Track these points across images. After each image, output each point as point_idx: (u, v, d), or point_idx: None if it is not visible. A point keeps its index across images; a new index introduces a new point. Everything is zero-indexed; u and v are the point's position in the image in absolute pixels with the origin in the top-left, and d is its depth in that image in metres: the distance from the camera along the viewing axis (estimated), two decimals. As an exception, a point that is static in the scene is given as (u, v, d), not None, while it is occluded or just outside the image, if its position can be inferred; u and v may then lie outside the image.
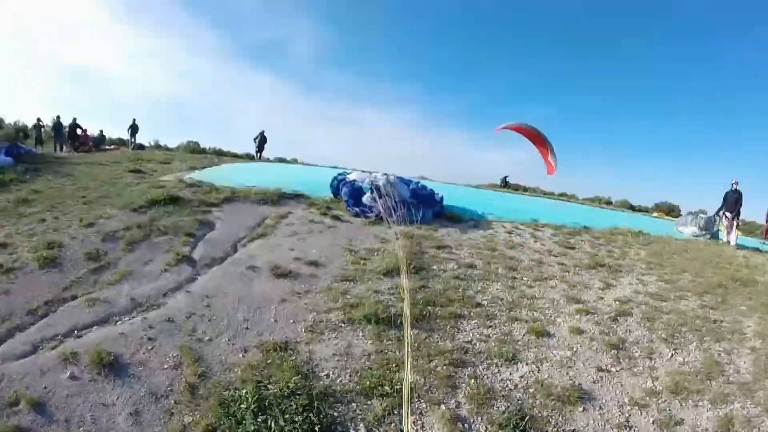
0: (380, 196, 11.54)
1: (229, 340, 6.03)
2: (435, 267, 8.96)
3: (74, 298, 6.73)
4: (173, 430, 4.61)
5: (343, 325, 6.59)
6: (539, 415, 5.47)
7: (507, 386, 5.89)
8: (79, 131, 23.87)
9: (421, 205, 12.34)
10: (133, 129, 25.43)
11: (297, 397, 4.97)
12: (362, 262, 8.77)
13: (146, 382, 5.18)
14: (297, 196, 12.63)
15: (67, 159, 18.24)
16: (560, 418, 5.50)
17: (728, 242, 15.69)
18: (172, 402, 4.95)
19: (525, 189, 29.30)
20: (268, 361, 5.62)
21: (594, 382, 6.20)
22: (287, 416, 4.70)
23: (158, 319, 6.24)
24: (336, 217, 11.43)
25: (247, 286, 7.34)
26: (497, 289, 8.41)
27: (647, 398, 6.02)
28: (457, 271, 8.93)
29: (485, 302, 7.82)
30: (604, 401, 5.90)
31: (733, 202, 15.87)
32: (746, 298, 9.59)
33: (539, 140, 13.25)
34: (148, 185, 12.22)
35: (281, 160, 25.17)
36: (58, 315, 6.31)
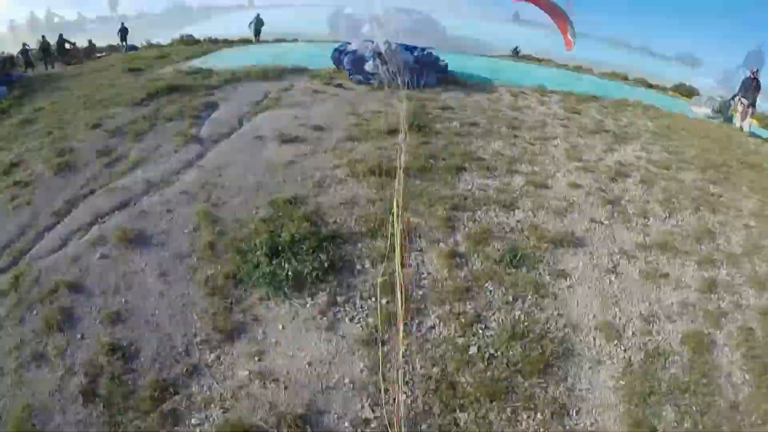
0: (383, 63, 11.35)
1: (241, 201, 6.31)
2: (438, 125, 9.00)
3: (92, 192, 6.96)
4: (198, 281, 5.01)
5: (348, 178, 6.83)
6: (532, 254, 5.75)
7: (503, 228, 6.14)
8: (67, 45, 23.33)
9: (425, 70, 12.17)
10: (123, 32, 24.68)
11: (307, 241, 5.32)
12: (366, 123, 8.85)
13: (170, 247, 5.52)
14: (298, 70, 12.47)
15: (61, 74, 18.01)
16: (552, 259, 5.78)
17: (741, 128, 15.23)
18: (195, 259, 5.32)
19: (539, 60, 27.47)
20: (279, 215, 5.92)
21: (587, 231, 6.41)
22: (299, 257, 5.08)
23: (174, 193, 6.52)
24: (339, 86, 11.38)
25: (255, 155, 7.52)
26: (499, 146, 8.48)
27: (636, 251, 6.22)
28: (460, 129, 8.99)
29: (486, 156, 7.94)
30: (594, 248, 6.14)
31: (751, 89, 15.19)
32: (749, 180, 9.45)
33: (557, 13, 12.59)
34: (146, 80, 12.13)
35: (280, 41, 24.22)
36: (80, 210, 6.57)
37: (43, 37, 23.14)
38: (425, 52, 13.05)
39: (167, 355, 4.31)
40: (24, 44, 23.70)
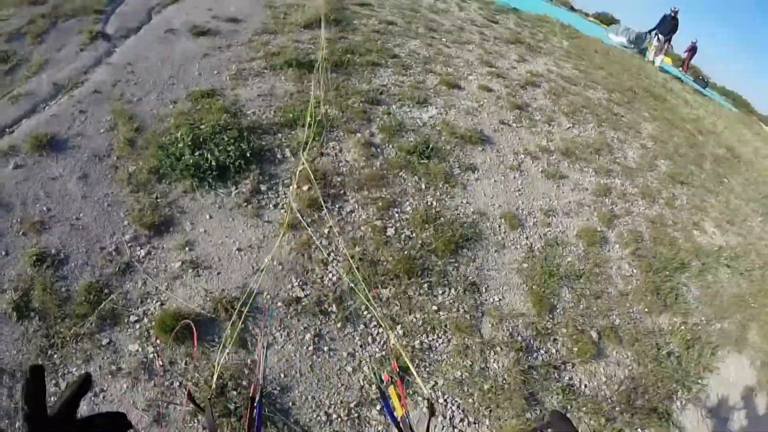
0: None
1: (157, 96, 6.15)
2: (356, 21, 9.01)
3: (-5, 102, 6.57)
4: (120, 179, 4.96)
5: (265, 71, 6.80)
6: (443, 147, 6.12)
7: (416, 123, 6.42)
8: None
9: None
10: None
11: (228, 132, 5.37)
12: (282, 16, 8.67)
13: (87, 149, 5.36)
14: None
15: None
16: (461, 153, 6.17)
17: (653, 62, 16.24)
18: (115, 158, 5.22)
19: None
20: (198, 107, 5.88)
21: (495, 131, 6.83)
22: (221, 147, 5.13)
23: (85, 94, 6.21)
24: (256, -25, 10.70)
25: (167, 48, 7.21)
26: (415, 45, 8.67)
27: (540, 153, 6.74)
28: (378, 27, 9.05)
29: (402, 55, 8.12)
30: (501, 147, 6.59)
31: (669, 26, 16.04)
32: (651, 108, 10.21)
33: None
34: (38, -27, 11.01)
35: None
36: None
37: None
38: None
39: (98, 257, 4.30)
40: None
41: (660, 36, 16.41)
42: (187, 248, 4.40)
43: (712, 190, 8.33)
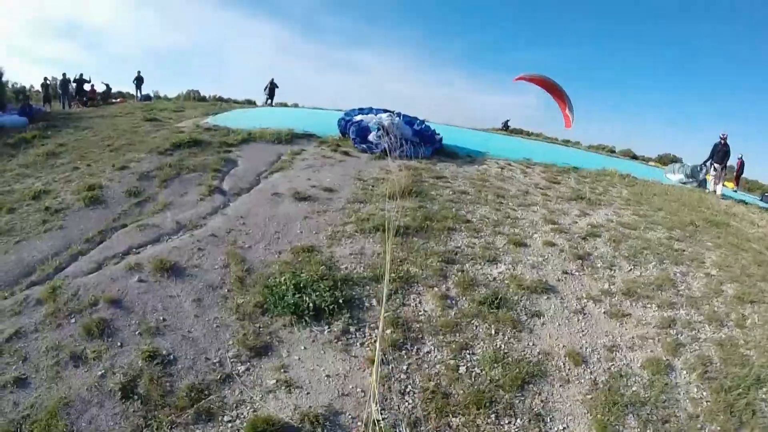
0: (386, 134, 12.65)
1: (265, 246, 7.30)
2: (432, 192, 10.09)
3: (124, 226, 7.82)
4: (229, 308, 5.89)
5: (356, 233, 7.85)
6: (511, 298, 6.74)
7: (487, 278, 7.14)
8: (86, 86, 24.34)
9: (422, 142, 13.41)
10: (139, 81, 26.05)
11: (324, 281, 6.29)
12: (370, 188, 9.98)
13: (202, 279, 6.41)
14: (308, 136, 13.68)
15: (79, 114, 19.01)
16: (528, 302, 6.75)
17: (714, 191, 16.09)
18: (226, 290, 6.22)
19: (528, 134, 29.02)
20: (299, 259, 6.93)
21: (558, 281, 7.39)
22: (318, 293, 6.04)
23: (203, 235, 7.45)
24: (345, 153, 12.50)
25: (273, 208, 8.54)
26: (485, 211, 9.54)
27: (602, 296, 7.17)
28: (451, 196, 10.08)
29: (474, 220, 8.99)
30: (564, 294, 7.10)
31: (721, 153, 16.19)
32: (714, 236, 10.38)
33: (557, 92, 13.62)
34: (168, 131, 13.21)
35: (283, 105, 25.79)
36: (114, 240, 7.42)
37: (63, 74, 24.04)
38: (424, 126, 14.26)
39: (202, 365, 5.04)
40: (45, 77, 24.57)
41: (715, 165, 16.36)
42: (282, 370, 5.09)
43: None
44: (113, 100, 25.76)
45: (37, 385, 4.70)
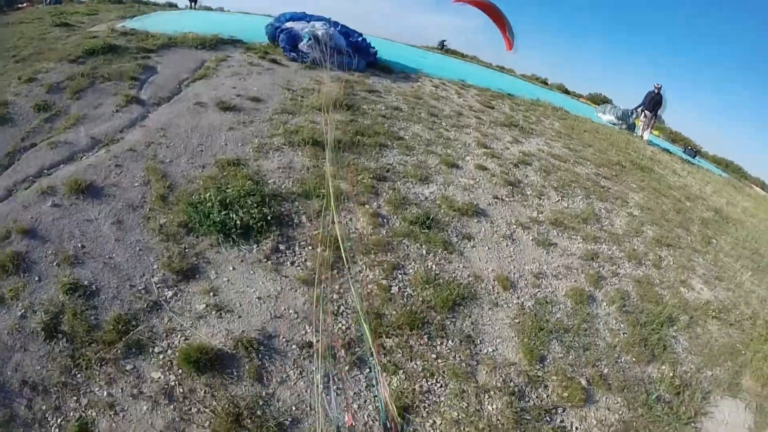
0: (318, 44, 12.06)
1: (187, 160, 6.84)
2: (365, 106, 9.85)
3: (34, 145, 7.09)
4: (152, 228, 5.52)
5: (284, 146, 7.54)
6: (442, 219, 6.79)
7: (419, 197, 7.11)
8: (-16, -9, 21.96)
9: (356, 54, 12.93)
10: (48, -18, 23.52)
11: (251, 197, 5.98)
12: (299, 98, 9.53)
13: (122, 198, 5.95)
14: (234, 42, 12.84)
15: (-21, 21, 17.15)
16: (458, 224, 6.82)
17: (641, 137, 17.10)
18: (147, 210, 5.81)
19: (463, 55, 28.44)
20: (224, 173, 6.54)
21: (489, 205, 7.50)
22: (245, 209, 5.75)
23: (121, 150, 6.87)
24: (274, 61, 11.87)
25: (196, 119, 7.96)
26: (418, 129, 9.46)
27: (530, 223, 7.36)
28: (384, 112, 9.89)
29: (406, 137, 8.90)
30: (495, 219, 7.22)
31: (653, 102, 17.00)
32: (639, 179, 10.95)
33: (496, 15, 13.35)
34: (80, 37, 11.97)
35: (207, 9, 24.04)
36: (23, 161, 6.73)
37: None
38: (359, 39, 13.76)
39: (127, 293, 4.76)
40: None
41: (646, 112, 17.35)
42: (211, 293, 4.90)
43: (699, 251, 8.77)
44: (19, 5, 23.19)
45: (-47, 333, 4.33)
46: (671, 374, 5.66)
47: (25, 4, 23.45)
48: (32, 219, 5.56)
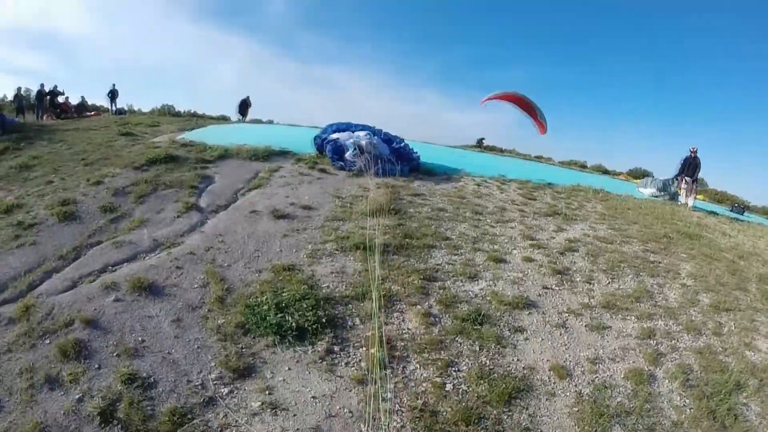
0: (362, 153, 12.75)
1: (244, 264, 7.24)
2: (411, 210, 10.18)
3: (99, 243, 7.66)
4: (210, 328, 5.80)
5: (336, 252, 7.86)
6: (493, 314, 6.81)
7: (468, 295, 7.20)
8: (60, 98, 23.93)
9: (399, 160, 13.50)
10: (113, 94, 25.72)
11: (306, 300, 6.25)
12: (349, 205, 10.01)
13: (181, 298, 6.31)
14: (284, 153, 13.66)
15: (53, 126, 18.65)
16: (509, 317, 6.83)
17: (686, 204, 16.56)
18: (206, 310, 6.13)
19: (501, 150, 29.52)
20: (280, 278, 6.88)
21: (539, 296, 7.51)
22: (300, 312, 6.01)
23: (181, 253, 7.34)
24: (322, 170, 12.53)
25: (252, 226, 8.48)
26: (464, 228, 9.66)
27: (582, 310, 7.31)
28: (430, 213, 10.18)
29: (453, 237, 9.08)
30: (545, 309, 7.21)
31: (692, 166, 16.62)
32: (688, 248, 10.75)
33: (525, 104, 13.87)
34: (143, 146, 13.04)
35: (257, 122, 25.75)
36: (89, 257, 7.27)
37: (41, 84, 23.58)
38: (401, 144, 14.44)
39: (184, 388, 4.91)
40: (18, 87, 23.98)
41: (687, 178, 16.78)
42: (266, 392, 5.02)
43: (761, 309, 8.40)
44: (87, 113, 25.33)
45: (11, 409, 4.53)
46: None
47: (93, 113, 25.54)
48: (95, 311, 5.90)
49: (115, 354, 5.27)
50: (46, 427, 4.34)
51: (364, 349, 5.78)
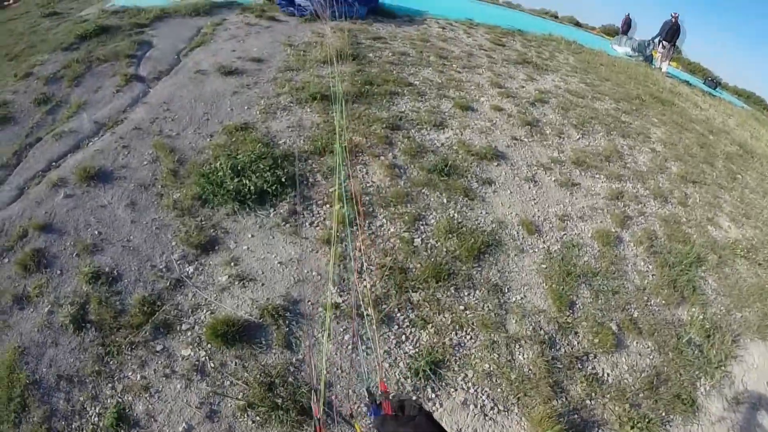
0: None
1: (194, 130, 6.68)
2: (371, 55, 9.55)
3: (39, 140, 6.97)
4: (166, 205, 5.41)
5: (291, 105, 7.32)
6: (461, 165, 6.55)
7: (434, 144, 6.87)
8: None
9: (357, 1, 12.48)
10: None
11: (263, 160, 5.82)
12: (302, 54, 9.24)
13: (132, 179, 5.83)
14: (229, 4, 12.48)
15: (-30, 25, 17.00)
16: (478, 169, 6.60)
17: (660, 68, 16.48)
18: (159, 187, 5.69)
19: None
20: (233, 140, 6.37)
21: (508, 147, 7.26)
22: (258, 174, 5.59)
23: (126, 130, 6.72)
24: (272, 18, 11.55)
25: (198, 88, 7.76)
26: (428, 73, 9.16)
27: (552, 164, 7.12)
28: (391, 58, 9.59)
29: (417, 83, 8.60)
30: (515, 161, 6.99)
31: (671, 32, 16.36)
32: (659, 113, 10.60)
33: None
34: (71, 23, 11.70)
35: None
36: (31, 158, 6.61)
37: None
38: None
39: (149, 274, 4.68)
40: None
41: (664, 42, 16.77)
42: (232, 264, 4.80)
43: (725, 187, 8.58)
44: (5, 2, 22.81)
45: (-12, 341, 4.33)
46: (701, 317, 5.57)
47: (11, 1, 23.01)
48: (47, 214, 5.47)
49: (74, 254, 4.92)
50: (25, 349, 4.13)
51: (328, 206, 5.47)
